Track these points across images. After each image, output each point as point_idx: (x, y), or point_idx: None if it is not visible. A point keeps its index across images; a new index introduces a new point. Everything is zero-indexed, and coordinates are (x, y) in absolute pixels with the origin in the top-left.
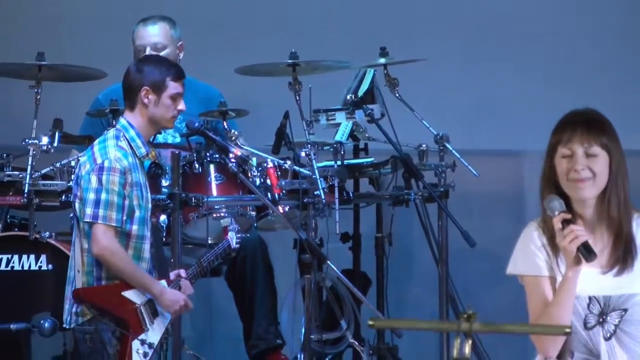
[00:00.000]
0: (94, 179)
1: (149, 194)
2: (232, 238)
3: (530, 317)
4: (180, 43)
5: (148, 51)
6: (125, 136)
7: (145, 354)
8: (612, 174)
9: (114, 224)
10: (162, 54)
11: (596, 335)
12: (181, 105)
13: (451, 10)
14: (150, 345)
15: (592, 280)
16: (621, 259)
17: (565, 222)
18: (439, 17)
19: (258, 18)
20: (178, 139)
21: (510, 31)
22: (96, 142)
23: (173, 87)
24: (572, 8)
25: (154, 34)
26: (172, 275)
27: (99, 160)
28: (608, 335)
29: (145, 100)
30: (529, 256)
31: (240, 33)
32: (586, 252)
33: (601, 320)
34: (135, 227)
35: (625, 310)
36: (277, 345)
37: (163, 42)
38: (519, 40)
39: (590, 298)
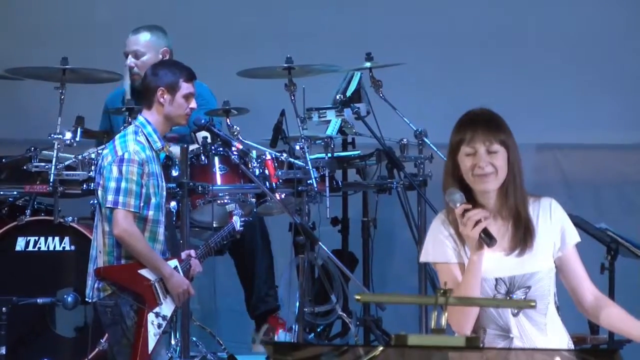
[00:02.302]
0: (115, 169)
1: (164, 183)
2: (237, 221)
3: None
4: (163, 49)
5: (129, 58)
6: (143, 132)
7: (159, 325)
8: (510, 167)
9: (133, 210)
10: (141, 60)
11: (505, 312)
12: (193, 104)
13: (429, 19)
14: (164, 318)
15: (497, 263)
16: (522, 241)
17: (466, 212)
18: (418, 25)
19: (257, 26)
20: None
21: (481, 37)
22: (117, 136)
23: (186, 87)
24: (546, 12)
25: (134, 42)
26: (183, 255)
27: (119, 153)
28: (515, 311)
29: (161, 100)
30: (439, 245)
31: (241, 39)
32: (487, 237)
33: (508, 298)
34: (151, 213)
35: (529, 287)
36: (276, 307)
37: (142, 50)
38: (490, 45)
39: (496, 279)
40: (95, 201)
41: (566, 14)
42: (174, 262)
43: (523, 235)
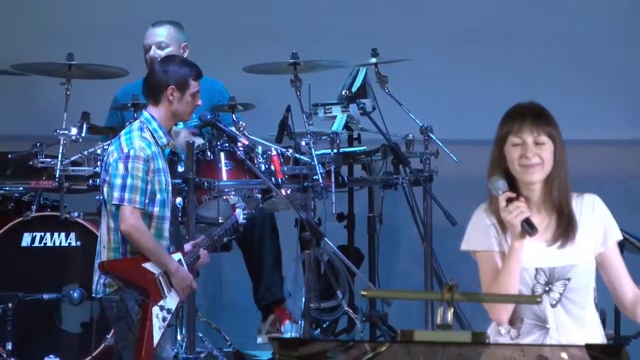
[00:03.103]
0: (120, 166)
1: (169, 179)
2: (239, 214)
3: (482, 287)
4: (184, 44)
5: (153, 49)
6: (148, 128)
7: (164, 319)
8: (556, 160)
9: (138, 206)
10: (165, 51)
11: (543, 303)
12: (199, 101)
13: (435, 15)
14: (169, 311)
15: (539, 253)
16: (564, 233)
17: (509, 200)
18: (424, 21)
19: (263, 22)
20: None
21: (487, 34)
22: (122, 132)
23: (194, 85)
24: (550, 9)
25: (158, 34)
26: (187, 246)
27: (125, 150)
28: (554, 302)
29: (171, 98)
30: (481, 234)
31: (247, 35)
32: (528, 226)
33: (547, 289)
34: (157, 209)
35: (569, 279)
36: (282, 298)
37: (166, 42)
38: (495, 41)
39: (537, 269)
40: (101, 197)
41: (570, 10)
42: (177, 256)
43: (565, 227)
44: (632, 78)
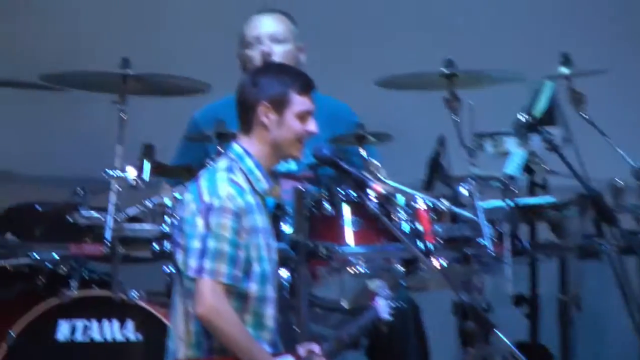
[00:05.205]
0: (200, 222)
1: (273, 242)
2: (383, 306)
3: None
4: (301, 45)
5: (266, 42)
6: (240, 167)
7: None
8: None
9: (224, 280)
10: (280, 49)
11: None
12: (311, 126)
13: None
14: None
15: None
16: None
17: None
18: (626, 21)
19: (400, 18)
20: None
21: None
22: (203, 175)
23: (299, 102)
24: None
25: (272, 23)
26: (301, 350)
27: (206, 199)
28: None
29: (265, 120)
30: None
31: (378, 36)
32: None
33: None
34: (254, 286)
35: None
36: None
37: (284, 34)
38: None
39: None
40: (173, 269)
41: None
42: None
43: None
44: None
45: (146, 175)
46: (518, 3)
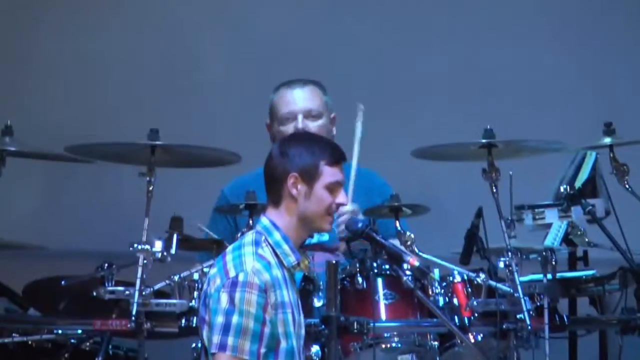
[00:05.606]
0: (224, 297)
1: (301, 318)
2: None
3: None
4: (332, 115)
5: (300, 121)
6: (268, 241)
7: None
8: None
9: (247, 358)
10: (315, 125)
11: None
12: (341, 198)
13: None
14: None
15: None
16: None
17: None
18: None
19: (438, 87)
20: (326, 237)
21: None
22: (229, 249)
23: (330, 173)
24: None
25: (306, 98)
26: None
27: (232, 274)
28: None
29: (294, 192)
30: None
31: (415, 103)
32: None
33: None
34: None
35: None
36: None
37: (318, 109)
38: None
39: None
40: (200, 344)
41: None
42: None
43: None
44: None
45: (174, 248)
46: (559, 71)
